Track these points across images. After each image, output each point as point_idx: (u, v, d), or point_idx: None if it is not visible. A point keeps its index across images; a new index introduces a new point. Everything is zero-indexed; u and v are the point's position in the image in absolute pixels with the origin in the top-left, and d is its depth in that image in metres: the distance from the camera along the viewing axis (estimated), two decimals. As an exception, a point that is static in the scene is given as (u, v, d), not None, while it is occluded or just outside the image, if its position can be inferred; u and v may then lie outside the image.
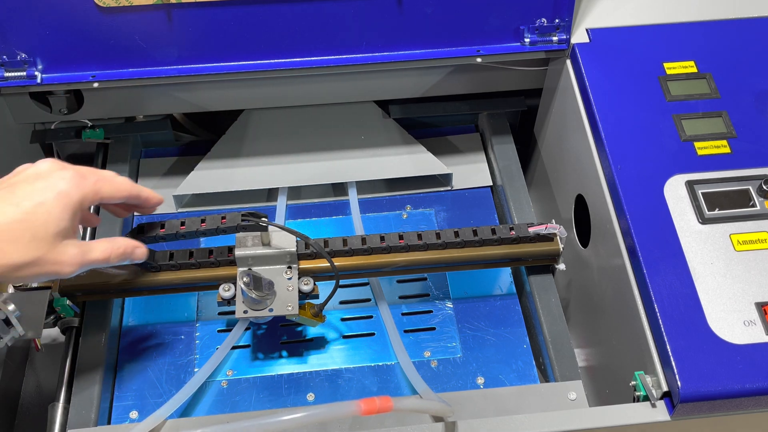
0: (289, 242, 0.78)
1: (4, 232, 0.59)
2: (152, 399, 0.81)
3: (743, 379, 0.66)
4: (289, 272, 0.78)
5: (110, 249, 0.68)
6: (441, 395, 0.76)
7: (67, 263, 0.63)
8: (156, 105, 0.97)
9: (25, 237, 0.60)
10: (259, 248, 0.78)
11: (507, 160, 1.00)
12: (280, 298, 0.77)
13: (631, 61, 0.86)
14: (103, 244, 0.68)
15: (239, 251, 0.77)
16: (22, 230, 0.60)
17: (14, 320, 0.73)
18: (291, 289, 0.78)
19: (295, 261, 0.79)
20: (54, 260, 0.62)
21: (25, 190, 0.62)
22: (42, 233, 0.61)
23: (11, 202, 0.61)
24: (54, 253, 0.62)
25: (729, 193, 0.77)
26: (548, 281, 0.88)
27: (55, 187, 0.62)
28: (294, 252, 0.78)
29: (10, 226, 0.60)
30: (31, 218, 0.60)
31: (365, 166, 1.00)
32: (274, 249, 0.77)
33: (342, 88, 0.98)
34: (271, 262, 0.79)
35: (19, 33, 0.82)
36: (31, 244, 0.60)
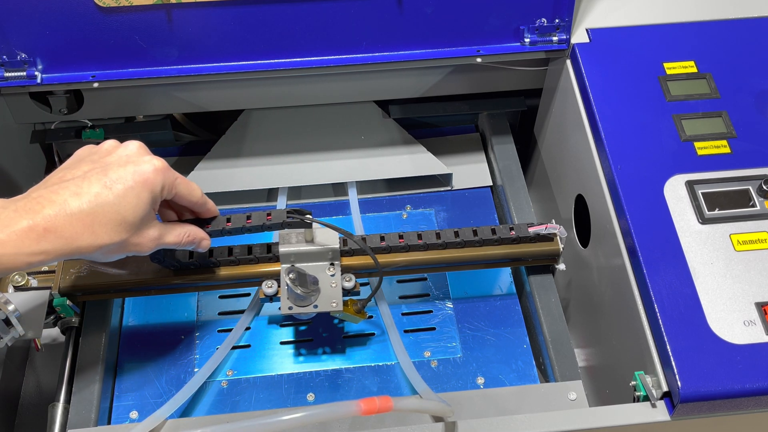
0: (332, 239, 0.78)
1: (97, 215, 0.61)
2: (152, 399, 0.81)
3: (743, 379, 0.66)
4: (332, 269, 0.79)
5: (183, 234, 0.70)
6: (441, 395, 0.76)
7: (147, 245, 0.66)
8: (156, 105, 0.97)
9: (116, 220, 0.62)
10: (303, 245, 0.78)
11: (507, 160, 1.00)
12: (325, 294, 0.77)
13: (631, 61, 0.86)
14: (178, 229, 0.70)
15: (283, 248, 0.78)
16: (113, 213, 0.61)
17: (14, 320, 0.73)
18: (334, 285, 0.78)
19: (338, 258, 0.79)
20: (136, 242, 0.65)
21: (117, 173, 0.63)
22: (130, 218, 0.63)
23: (105, 184, 0.62)
24: (137, 236, 0.64)
25: (729, 193, 0.77)
26: (548, 281, 0.88)
27: (144, 173, 0.64)
28: (337, 249, 0.78)
29: (103, 208, 0.61)
30: (122, 202, 0.62)
31: (365, 166, 1.00)
32: (317, 246, 0.78)
33: (342, 88, 0.98)
34: (314, 259, 0.79)
35: (19, 33, 0.82)
36: (120, 227, 0.62)
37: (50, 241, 0.59)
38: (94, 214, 0.60)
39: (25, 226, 0.58)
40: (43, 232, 0.58)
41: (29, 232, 0.58)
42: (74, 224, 0.60)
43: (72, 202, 0.60)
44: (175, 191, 0.67)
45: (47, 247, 0.59)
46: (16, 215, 0.58)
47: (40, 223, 0.58)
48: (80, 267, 0.81)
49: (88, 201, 0.60)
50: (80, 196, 0.60)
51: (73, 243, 0.60)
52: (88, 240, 0.61)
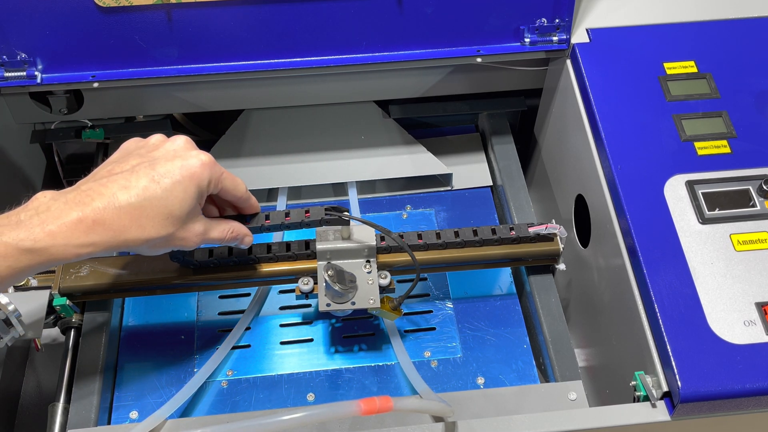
0: (369, 236, 0.78)
1: (145, 209, 0.61)
2: (152, 399, 0.81)
3: (743, 379, 0.66)
4: (368, 266, 0.79)
5: (227, 231, 0.70)
6: (441, 395, 0.76)
7: (192, 240, 0.66)
8: (156, 105, 0.97)
9: (163, 214, 0.62)
10: (340, 242, 0.78)
11: (507, 160, 1.00)
12: (362, 291, 0.77)
13: (631, 61, 0.86)
14: (223, 225, 0.70)
15: (321, 245, 0.78)
16: (160, 207, 0.62)
17: (14, 320, 0.73)
18: (371, 282, 0.78)
19: (374, 255, 0.79)
20: (182, 237, 0.65)
21: (165, 167, 0.63)
22: (177, 212, 0.63)
23: (153, 178, 0.62)
24: (183, 230, 0.65)
25: (729, 193, 0.77)
26: (548, 281, 0.88)
27: (191, 167, 0.64)
28: (373, 246, 0.78)
29: (151, 202, 0.61)
30: (169, 196, 0.62)
31: (365, 166, 1.00)
32: (354, 243, 0.78)
33: (342, 88, 0.98)
34: (350, 256, 0.79)
35: (19, 33, 0.82)
36: (167, 221, 0.63)
37: (99, 233, 0.60)
38: (142, 207, 0.61)
39: (75, 218, 0.59)
40: (92, 224, 0.59)
41: (79, 224, 0.59)
42: (122, 217, 0.60)
43: (120, 196, 0.61)
44: (221, 186, 0.68)
45: (96, 239, 0.60)
46: (66, 207, 0.59)
47: (89, 215, 0.59)
48: (80, 267, 0.81)
49: (136, 194, 0.61)
50: (128, 190, 0.61)
51: (121, 236, 0.61)
52: (135, 233, 0.61)
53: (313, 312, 0.88)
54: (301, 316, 0.88)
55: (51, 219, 0.58)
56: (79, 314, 0.83)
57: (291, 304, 0.89)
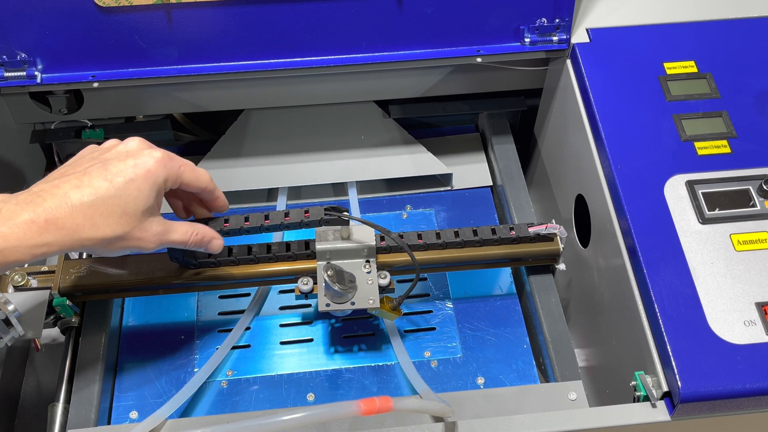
0: (368, 236, 0.78)
1: (98, 207, 0.61)
2: (152, 399, 0.81)
3: (743, 379, 0.66)
4: (368, 266, 0.79)
5: (190, 233, 0.69)
6: (441, 395, 0.76)
7: (150, 240, 0.66)
8: (156, 105, 0.97)
9: (117, 212, 0.62)
10: (339, 242, 0.78)
11: (507, 160, 1.00)
12: (361, 291, 0.77)
13: (631, 61, 0.86)
14: (185, 227, 0.69)
15: (320, 245, 0.78)
16: (114, 205, 0.62)
17: (14, 320, 0.73)
18: (371, 282, 0.78)
19: (373, 255, 0.79)
20: (138, 236, 0.65)
21: (117, 167, 0.63)
22: (132, 209, 0.63)
23: (105, 177, 0.62)
24: (139, 230, 0.64)
25: (729, 193, 0.77)
26: (548, 281, 0.88)
27: (145, 165, 0.64)
28: (372, 246, 0.78)
29: (104, 201, 0.61)
30: (123, 194, 0.62)
31: (365, 166, 1.00)
32: (354, 243, 0.78)
33: (342, 88, 0.98)
34: (350, 256, 0.79)
35: (19, 33, 0.82)
36: (121, 219, 0.62)
37: (52, 232, 0.59)
38: (95, 205, 0.61)
39: (27, 219, 0.59)
40: (45, 224, 0.59)
41: (31, 224, 0.59)
42: (75, 216, 0.60)
43: (73, 195, 0.61)
44: (180, 180, 0.68)
45: (49, 238, 0.59)
46: (17, 208, 0.59)
47: (41, 215, 0.59)
48: (80, 267, 0.81)
49: (89, 193, 0.61)
50: (81, 189, 0.61)
51: (75, 234, 0.60)
52: (89, 232, 0.61)
53: (312, 312, 0.88)
54: (300, 316, 0.88)
55: (2, 221, 0.58)
56: (79, 314, 0.83)
57: (291, 304, 0.89)
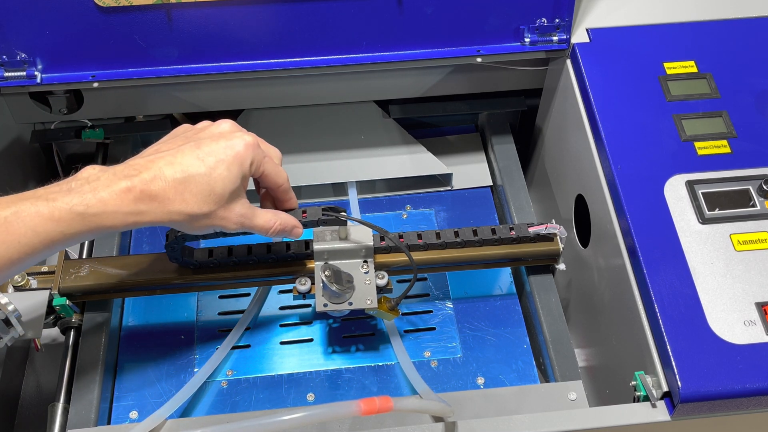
0: (366, 236, 0.78)
1: (189, 184, 0.63)
2: (152, 399, 0.81)
3: (743, 379, 0.66)
4: (366, 266, 0.79)
5: (272, 221, 0.70)
6: (441, 395, 0.76)
7: (233, 220, 0.67)
8: (156, 105, 0.97)
9: (205, 191, 0.64)
10: (337, 242, 0.78)
11: (507, 160, 1.00)
12: (359, 291, 0.77)
13: (631, 61, 0.86)
14: (268, 214, 0.70)
15: (318, 245, 0.78)
16: (203, 184, 0.64)
17: (14, 320, 0.73)
18: (368, 283, 0.78)
19: (371, 255, 0.79)
20: (223, 215, 0.66)
21: (210, 146, 0.65)
22: (220, 189, 0.64)
23: (197, 156, 0.64)
24: (224, 209, 0.66)
25: (729, 193, 0.77)
26: (548, 281, 0.88)
27: (235, 147, 0.66)
28: (370, 246, 0.78)
29: (195, 178, 0.63)
30: (213, 174, 0.64)
31: (365, 166, 1.00)
32: (351, 243, 0.78)
33: (342, 88, 0.98)
34: (348, 257, 0.79)
35: (19, 33, 0.82)
36: (209, 197, 0.64)
37: (146, 202, 0.62)
38: (186, 182, 0.63)
39: (124, 187, 0.61)
40: (140, 193, 0.61)
41: (127, 192, 0.61)
42: (167, 190, 0.62)
43: (166, 170, 0.63)
44: (262, 169, 0.69)
45: (143, 207, 0.62)
46: (115, 178, 0.61)
47: (137, 185, 0.61)
48: (80, 267, 0.81)
49: (181, 170, 0.63)
50: (174, 166, 0.63)
51: (165, 207, 0.62)
52: (179, 206, 0.63)
53: (312, 312, 0.88)
54: (300, 317, 0.88)
55: (102, 187, 0.61)
56: (79, 314, 0.83)
57: (291, 304, 0.89)
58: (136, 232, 0.96)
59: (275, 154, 0.72)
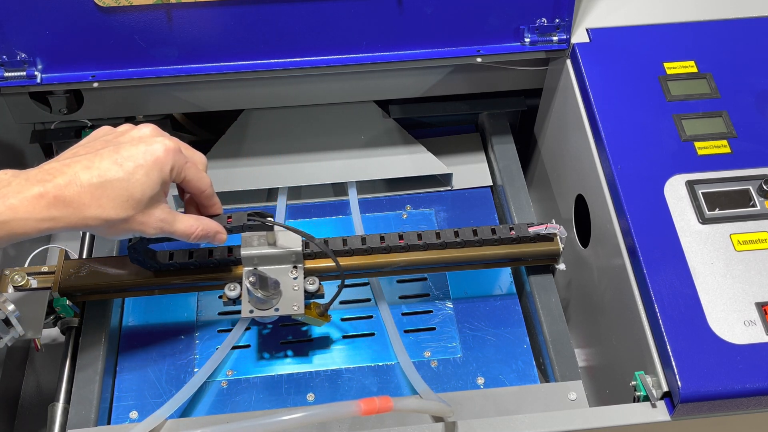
0: (295, 242, 0.78)
1: (106, 188, 0.62)
2: (152, 399, 0.81)
3: (743, 379, 0.66)
4: (295, 272, 0.78)
5: (194, 226, 0.70)
6: (441, 395, 0.76)
7: (152, 225, 0.66)
8: (156, 105, 0.97)
9: (123, 196, 0.63)
10: (265, 248, 0.78)
11: (507, 160, 1.00)
12: (286, 297, 0.77)
13: (631, 61, 0.86)
14: (190, 219, 0.70)
15: (245, 251, 0.77)
16: (121, 189, 0.63)
17: (14, 320, 0.73)
18: (297, 288, 0.78)
19: (301, 260, 0.79)
20: (141, 221, 0.66)
21: (129, 151, 0.64)
22: (138, 195, 0.64)
23: (115, 161, 0.63)
24: (143, 215, 0.65)
25: (729, 193, 0.77)
26: (548, 281, 0.87)
27: (155, 152, 0.65)
28: (299, 251, 0.78)
29: (112, 183, 0.63)
30: (131, 179, 0.63)
31: (365, 166, 1.00)
32: (279, 248, 0.78)
33: (342, 88, 0.98)
34: (277, 262, 0.79)
35: (19, 33, 0.82)
36: (127, 203, 0.63)
37: (59, 208, 0.61)
38: (103, 187, 0.62)
39: (36, 193, 0.60)
40: (53, 199, 0.60)
41: (40, 198, 0.60)
42: (83, 195, 0.61)
43: (83, 175, 0.62)
44: (184, 174, 0.68)
45: (56, 214, 0.61)
46: (27, 183, 0.60)
47: (50, 190, 0.60)
48: (80, 267, 0.81)
49: (98, 174, 0.62)
50: (91, 170, 0.62)
51: (81, 212, 0.62)
52: (95, 212, 0.62)
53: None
54: (301, 316, 0.88)
55: (12, 193, 0.59)
56: (79, 314, 0.83)
57: (291, 304, 0.89)
58: (136, 232, 0.96)
59: (199, 159, 0.71)
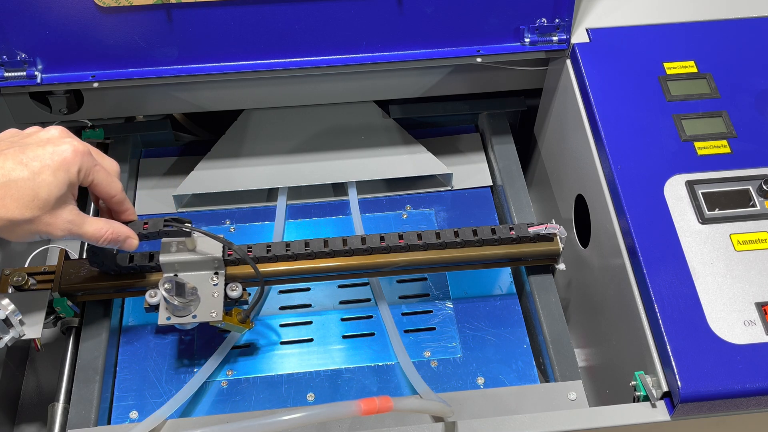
0: (215, 248, 0.77)
1: (10, 188, 0.62)
2: (152, 399, 0.81)
3: (743, 379, 0.66)
4: (216, 278, 0.78)
5: (103, 230, 0.69)
6: (441, 395, 0.76)
7: (59, 227, 0.66)
8: (156, 105, 0.97)
9: (28, 196, 0.63)
10: (184, 254, 0.77)
11: (507, 160, 1.00)
12: (205, 304, 0.76)
13: (631, 61, 0.86)
14: (99, 222, 0.69)
15: (163, 257, 0.76)
16: (26, 189, 0.62)
17: (14, 320, 0.73)
18: (216, 295, 0.77)
19: (222, 267, 0.78)
20: (48, 222, 0.65)
21: (35, 151, 0.64)
22: (44, 195, 0.63)
23: (21, 161, 0.63)
24: (50, 216, 0.65)
25: (729, 193, 0.77)
26: (548, 281, 0.88)
27: (62, 153, 0.65)
28: (220, 257, 0.77)
29: (17, 183, 0.62)
30: (37, 179, 0.63)
31: (365, 166, 1.00)
32: (198, 255, 0.77)
33: (342, 88, 0.98)
34: (198, 268, 0.78)
35: (19, 33, 0.82)
36: (32, 203, 0.63)
37: None
38: (7, 187, 0.62)
39: None
40: None
41: None
42: None
43: None
44: (92, 177, 0.68)
45: None
46: None
47: None
48: (80, 267, 0.81)
49: (1, 174, 0.62)
50: None
51: None
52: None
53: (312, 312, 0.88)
54: (301, 316, 0.88)
55: None
56: (79, 314, 0.83)
57: (291, 304, 0.89)
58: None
59: (110, 165, 0.70)
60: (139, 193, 1.00)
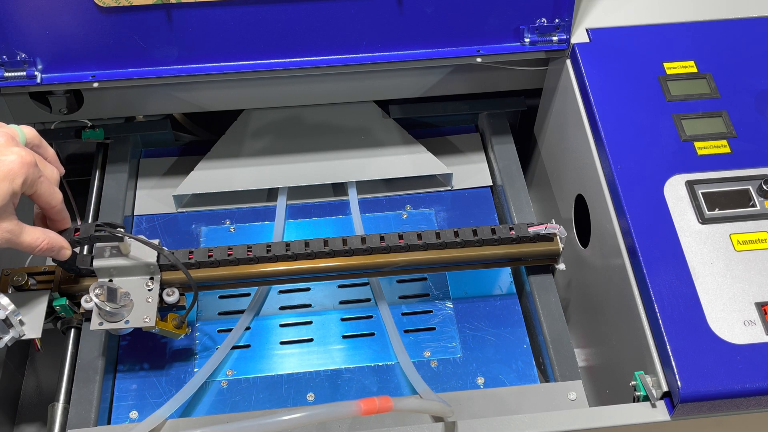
0: (150, 253, 0.77)
1: None
2: (152, 399, 0.81)
3: (743, 379, 0.66)
4: (151, 283, 0.77)
5: (40, 240, 0.69)
6: (441, 395, 0.76)
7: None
8: (156, 105, 0.97)
9: None
10: (118, 259, 0.76)
11: (507, 160, 1.00)
12: (138, 309, 0.76)
13: (631, 61, 0.86)
14: (37, 232, 0.69)
15: (97, 262, 0.76)
16: None
17: (14, 320, 0.73)
18: (150, 300, 0.76)
19: (158, 272, 0.77)
20: None
21: None
22: None
23: None
24: None
25: (729, 193, 0.77)
26: (548, 281, 0.88)
27: (10, 163, 0.64)
28: (155, 263, 0.77)
29: None
30: None
31: (365, 166, 1.00)
32: (132, 260, 0.76)
33: (342, 88, 0.98)
34: (133, 273, 0.77)
35: (19, 33, 0.82)
36: None
37: None
38: None
39: None
40: None
41: None
42: None
43: None
44: (35, 188, 0.67)
45: None
46: None
47: None
48: (80, 267, 0.81)
49: None
50: None
51: None
52: None
53: (313, 312, 0.88)
54: (301, 316, 0.88)
55: None
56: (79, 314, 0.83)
57: (291, 304, 0.89)
58: (137, 232, 0.96)
59: (51, 174, 0.70)
60: (139, 193, 1.00)
